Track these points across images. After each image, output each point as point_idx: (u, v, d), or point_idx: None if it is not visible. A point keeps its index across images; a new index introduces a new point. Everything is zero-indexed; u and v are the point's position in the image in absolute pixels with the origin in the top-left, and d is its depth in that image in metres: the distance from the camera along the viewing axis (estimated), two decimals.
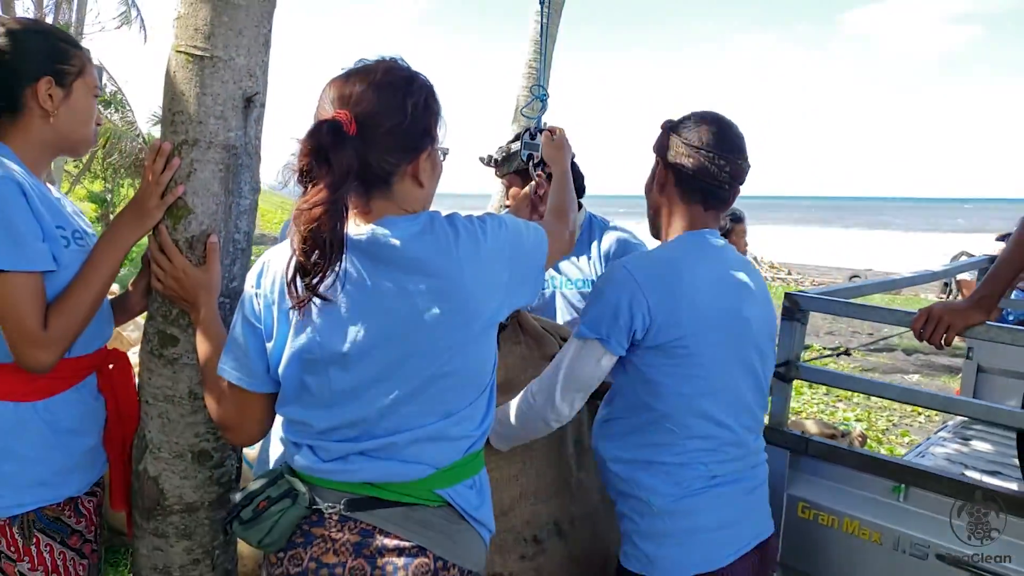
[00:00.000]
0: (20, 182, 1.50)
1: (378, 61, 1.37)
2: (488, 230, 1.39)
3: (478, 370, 1.39)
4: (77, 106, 1.66)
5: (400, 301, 1.30)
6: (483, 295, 1.35)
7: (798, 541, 2.08)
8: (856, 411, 6.63)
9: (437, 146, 1.41)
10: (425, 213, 1.39)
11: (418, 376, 1.32)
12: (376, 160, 1.30)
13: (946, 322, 1.78)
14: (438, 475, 1.36)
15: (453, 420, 1.36)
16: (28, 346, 1.50)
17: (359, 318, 1.30)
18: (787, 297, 2.06)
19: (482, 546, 1.44)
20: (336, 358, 1.31)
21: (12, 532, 1.60)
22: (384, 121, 1.29)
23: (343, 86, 1.31)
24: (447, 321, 1.30)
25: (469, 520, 1.39)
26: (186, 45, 1.64)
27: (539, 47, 10.39)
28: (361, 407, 1.32)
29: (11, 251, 1.46)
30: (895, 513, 1.93)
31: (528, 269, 1.47)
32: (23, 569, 1.62)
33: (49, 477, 1.63)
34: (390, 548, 1.31)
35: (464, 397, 1.37)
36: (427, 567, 1.32)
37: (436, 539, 1.34)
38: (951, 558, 1.80)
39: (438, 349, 1.31)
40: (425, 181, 1.39)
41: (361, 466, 1.34)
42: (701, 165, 1.67)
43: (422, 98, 1.34)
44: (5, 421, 1.59)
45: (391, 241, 1.32)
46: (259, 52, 1.72)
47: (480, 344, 1.37)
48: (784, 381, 2.08)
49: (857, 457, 2.02)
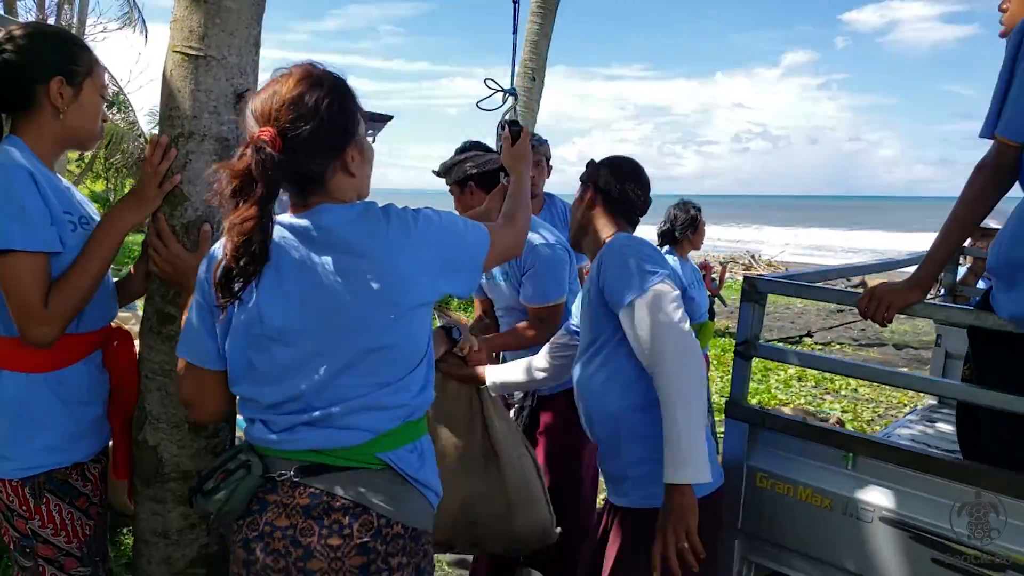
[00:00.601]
0: (31, 170, 1.64)
1: (292, 69, 1.45)
2: (420, 219, 1.51)
3: (410, 345, 1.49)
4: (86, 104, 1.79)
5: (334, 280, 1.41)
6: (412, 277, 1.46)
7: (757, 509, 2.21)
8: (843, 403, 6.75)
9: (360, 137, 1.51)
10: (361, 203, 1.51)
11: (352, 349, 1.42)
12: (306, 164, 1.42)
13: (887, 301, 1.92)
14: (378, 440, 1.46)
15: (388, 390, 1.46)
16: (31, 322, 1.62)
17: (297, 296, 1.42)
18: (745, 280, 2.20)
19: (427, 506, 1.54)
20: (278, 334, 1.43)
21: (24, 493, 1.74)
22: (305, 129, 1.38)
23: (263, 102, 1.41)
24: (377, 299, 1.42)
25: (411, 482, 1.50)
26: (182, 45, 1.78)
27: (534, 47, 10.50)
28: (303, 380, 1.43)
29: (21, 232, 1.59)
30: (844, 481, 2.06)
31: (462, 260, 1.57)
32: (33, 527, 1.76)
33: (58, 443, 1.76)
34: (336, 509, 1.42)
35: (398, 369, 1.47)
36: (371, 524, 1.42)
37: (379, 499, 1.44)
38: (893, 520, 1.93)
39: (370, 324, 1.42)
40: (355, 171, 1.50)
41: (306, 435, 1.45)
42: (622, 188, 2.14)
43: (335, 99, 1.43)
44: (19, 391, 1.72)
45: (327, 226, 1.44)
46: (250, 51, 1.86)
47: (410, 321, 1.47)
48: (743, 359, 2.22)
49: (809, 429, 2.15)
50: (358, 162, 1.50)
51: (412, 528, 1.48)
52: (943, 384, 2.12)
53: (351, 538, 1.41)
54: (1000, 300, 1.78)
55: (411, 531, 1.48)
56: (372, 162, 1.59)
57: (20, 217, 1.60)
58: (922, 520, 1.90)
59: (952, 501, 1.87)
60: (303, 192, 1.48)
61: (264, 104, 1.41)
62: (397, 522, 1.45)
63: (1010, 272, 1.75)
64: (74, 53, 1.77)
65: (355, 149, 1.49)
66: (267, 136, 1.36)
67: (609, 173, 2.16)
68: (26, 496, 1.74)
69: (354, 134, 1.48)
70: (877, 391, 7.19)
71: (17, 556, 1.79)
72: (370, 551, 1.42)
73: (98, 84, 1.83)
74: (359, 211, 1.48)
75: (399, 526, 1.46)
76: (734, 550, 2.26)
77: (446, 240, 1.53)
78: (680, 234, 4.07)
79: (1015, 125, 1.74)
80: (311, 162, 1.43)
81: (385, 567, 1.43)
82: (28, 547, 1.77)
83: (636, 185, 2.15)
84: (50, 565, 1.79)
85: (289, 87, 1.41)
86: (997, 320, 1.80)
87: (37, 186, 1.64)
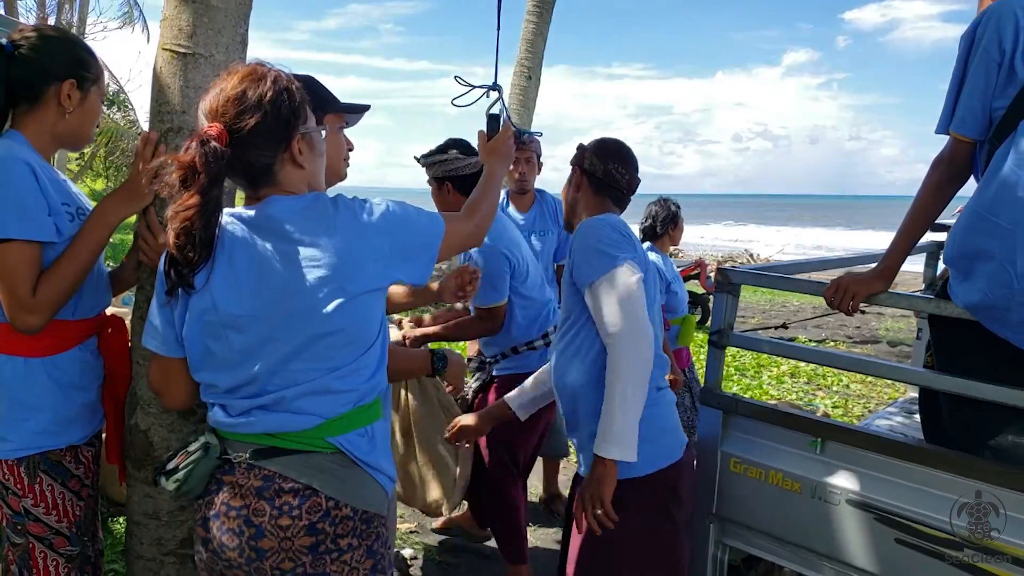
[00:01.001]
0: (30, 162, 1.72)
1: (237, 68, 1.53)
2: (369, 207, 1.55)
3: (360, 330, 1.52)
4: (89, 108, 1.89)
5: (282, 268, 1.46)
6: (360, 263, 1.50)
7: (730, 493, 2.28)
8: (834, 398, 6.82)
9: (308, 129, 1.57)
10: (311, 194, 1.56)
11: (301, 335, 1.47)
12: (254, 157, 1.49)
13: (852, 291, 1.99)
14: (328, 424, 1.51)
15: (338, 375, 1.50)
16: (18, 309, 1.70)
17: (248, 284, 1.48)
18: (719, 272, 2.27)
19: (378, 490, 1.58)
20: (231, 321, 1.48)
21: (19, 472, 1.81)
22: (248, 122, 1.45)
23: (211, 100, 1.49)
24: (324, 285, 1.46)
25: (361, 465, 1.54)
26: (171, 43, 1.85)
27: (531, 45, 10.54)
28: (256, 365, 1.48)
29: (18, 222, 1.67)
30: (813, 465, 2.12)
31: (414, 247, 1.59)
32: (27, 505, 1.83)
33: (53, 426, 1.83)
34: (287, 490, 1.47)
35: (348, 354, 1.51)
36: (320, 506, 1.47)
37: (328, 481, 1.49)
38: (859, 503, 2.00)
39: (317, 310, 1.46)
40: (304, 163, 1.56)
41: (260, 419, 1.50)
42: (605, 169, 2.22)
43: (278, 94, 1.49)
44: (16, 374, 1.80)
45: (275, 215, 1.50)
46: (237, 49, 1.93)
47: (359, 306, 1.50)
48: (717, 348, 2.29)
49: (779, 415, 2.22)
50: (306, 154, 1.56)
51: (362, 511, 1.52)
52: (905, 370, 2.19)
53: (300, 519, 1.46)
54: (956, 290, 1.85)
55: (361, 514, 1.52)
56: (324, 155, 1.65)
57: (18, 207, 1.68)
58: (886, 502, 1.96)
59: (915, 483, 1.94)
60: (254, 185, 1.54)
61: (211, 102, 1.48)
62: (346, 504, 1.50)
63: (964, 264, 1.82)
64: (87, 60, 1.87)
65: (302, 142, 1.55)
66: (214, 132, 1.43)
67: (593, 154, 2.25)
68: (21, 475, 1.81)
69: (299, 127, 1.54)
70: (868, 387, 7.25)
71: (9, 533, 1.87)
72: (319, 532, 1.47)
73: (101, 92, 1.93)
74: (308, 202, 1.53)
75: (348, 508, 1.50)
76: (709, 533, 2.33)
77: (397, 227, 1.56)
78: (661, 229, 4.15)
79: (967, 122, 1.81)
80: (258, 155, 1.49)
81: (335, 548, 1.48)
82: (20, 524, 1.84)
83: (620, 165, 2.23)
84: (40, 543, 1.86)
85: (233, 84, 1.48)
86: (955, 308, 1.87)
87: (36, 178, 1.72)
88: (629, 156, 2.27)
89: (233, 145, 1.45)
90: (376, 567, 1.56)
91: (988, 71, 1.76)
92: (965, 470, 1.86)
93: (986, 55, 1.76)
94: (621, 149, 2.27)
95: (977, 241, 1.77)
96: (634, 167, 2.26)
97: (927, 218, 1.95)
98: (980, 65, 1.77)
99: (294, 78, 1.57)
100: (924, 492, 1.92)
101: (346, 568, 1.50)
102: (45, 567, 1.86)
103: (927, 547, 1.89)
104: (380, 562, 1.57)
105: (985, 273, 1.75)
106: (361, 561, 1.52)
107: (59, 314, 1.78)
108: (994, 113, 1.77)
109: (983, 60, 1.77)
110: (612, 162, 2.23)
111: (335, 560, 1.49)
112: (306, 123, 1.56)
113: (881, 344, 9.91)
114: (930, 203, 1.92)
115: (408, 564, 3.42)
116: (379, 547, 1.57)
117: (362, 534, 1.52)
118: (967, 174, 1.88)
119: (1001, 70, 1.74)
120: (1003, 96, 1.74)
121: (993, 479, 1.82)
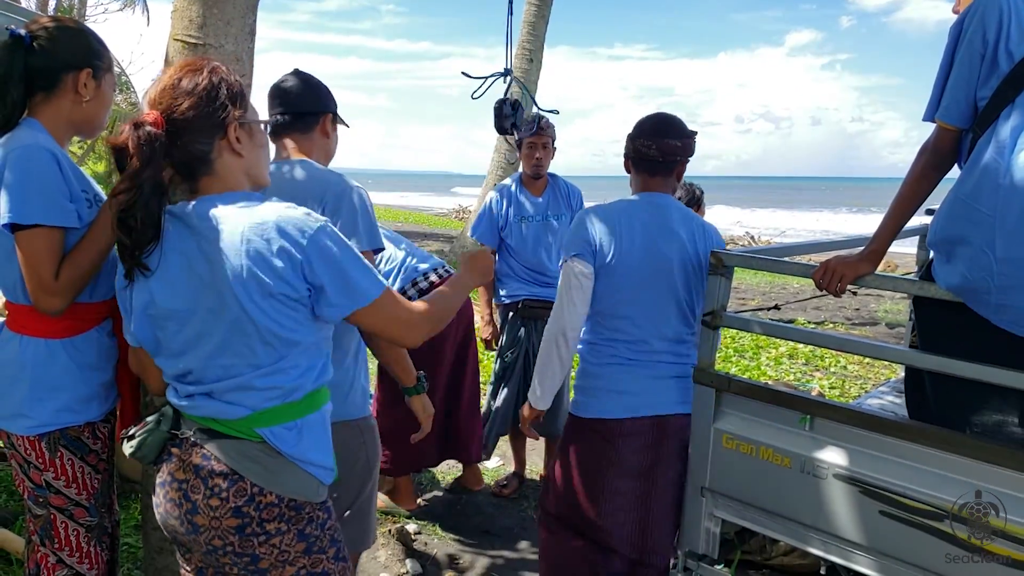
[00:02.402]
0: (53, 150, 1.80)
1: (181, 62, 1.60)
2: (314, 239, 1.52)
3: (277, 332, 1.52)
4: (103, 97, 1.97)
5: (206, 266, 1.51)
6: (271, 270, 1.49)
7: (723, 468, 2.36)
8: (831, 380, 6.90)
9: (245, 119, 1.61)
10: (243, 194, 1.58)
11: (221, 331, 1.52)
12: (190, 143, 1.54)
13: (839, 273, 2.06)
14: (255, 416, 1.56)
15: (260, 373, 1.54)
16: (42, 292, 1.78)
17: (181, 279, 1.54)
18: (712, 254, 2.33)
19: (307, 479, 1.61)
20: (169, 314, 1.56)
21: (41, 447, 1.90)
22: (184, 111, 1.51)
23: (151, 91, 1.56)
24: (239, 287, 1.49)
25: (287, 456, 1.58)
26: (182, 34, 1.92)
27: (532, 28, 10.51)
28: (193, 357, 1.56)
29: (44, 209, 1.75)
30: (802, 441, 2.20)
31: (341, 281, 1.54)
32: (48, 478, 1.92)
33: (73, 403, 1.92)
34: (218, 472, 1.55)
35: (270, 353, 1.54)
36: (245, 491, 1.54)
37: (254, 469, 1.55)
38: (846, 476, 2.08)
39: (236, 310, 1.50)
40: (242, 151, 1.60)
41: (202, 404, 1.58)
42: (634, 146, 2.51)
43: (212, 82, 1.55)
44: (38, 355, 1.88)
45: (203, 214, 1.54)
46: (245, 40, 2.00)
47: (272, 309, 1.51)
48: (710, 328, 2.36)
49: (770, 393, 2.30)
50: (245, 143, 1.60)
51: (289, 499, 1.58)
52: (886, 349, 2.27)
53: (227, 501, 1.53)
54: (939, 272, 1.92)
55: (287, 501, 1.57)
56: (265, 147, 1.70)
57: (42, 194, 1.76)
58: (872, 476, 2.04)
59: (899, 458, 2.02)
60: (193, 174, 1.58)
61: (151, 93, 1.56)
62: (270, 492, 1.55)
63: (946, 248, 1.89)
64: (100, 50, 1.95)
65: (240, 130, 1.59)
66: (149, 117, 1.49)
67: (627, 139, 2.56)
68: (42, 450, 1.90)
69: (236, 115, 1.58)
70: (866, 368, 7.33)
71: (31, 504, 1.96)
72: (244, 515, 1.54)
73: (113, 81, 2.01)
74: (241, 203, 1.55)
75: (272, 496, 1.55)
76: (702, 506, 2.41)
77: (330, 267, 1.54)
78: None
79: (952, 110, 1.87)
80: (193, 140, 1.54)
81: (261, 531, 1.55)
82: (42, 497, 1.94)
83: (645, 139, 2.48)
84: (61, 514, 1.95)
85: (170, 75, 1.56)
86: (937, 290, 1.94)
87: (59, 166, 1.80)
88: (654, 126, 2.49)
89: (169, 131, 1.50)
90: (311, 549, 1.62)
91: (972, 62, 1.81)
92: (947, 445, 1.93)
93: (971, 46, 1.82)
94: (644, 123, 2.52)
95: (958, 226, 1.84)
96: (661, 134, 2.46)
97: (913, 204, 2.01)
98: (965, 55, 1.83)
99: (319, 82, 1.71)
100: (908, 466, 2.00)
101: (275, 551, 1.57)
102: (66, 536, 1.96)
103: (910, 519, 1.97)
104: (316, 543, 1.63)
105: (965, 257, 1.81)
106: (292, 544, 1.59)
107: (78, 297, 1.86)
108: (979, 103, 1.83)
109: (968, 51, 1.82)
110: (638, 140, 2.49)
111: (263, 543, 1.56)
112: (246, 113, 1.62)
113: (879, 326, 9.98)
114: (916, 189, 1.99)
115: (413, 539, 3.52)
116: (314, 530, 1.62)
117: (290, 520, 1.58)
118: (952, 162, 1.95)
119: (984, 61, 1.79)
120: (986, 87, 1.80)
121: (973, 453, 1.89)
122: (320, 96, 2.24)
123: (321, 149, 2.25)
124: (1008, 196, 1.72)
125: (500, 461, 4.56)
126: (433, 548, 3.51)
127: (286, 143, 2.20)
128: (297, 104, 2.19)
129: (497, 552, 3.54)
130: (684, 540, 2.49)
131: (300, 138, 2.20)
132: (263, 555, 1.57)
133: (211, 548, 1.57)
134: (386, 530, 3.50)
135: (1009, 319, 1.80)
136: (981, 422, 1.91)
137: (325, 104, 2.25)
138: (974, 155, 1.81)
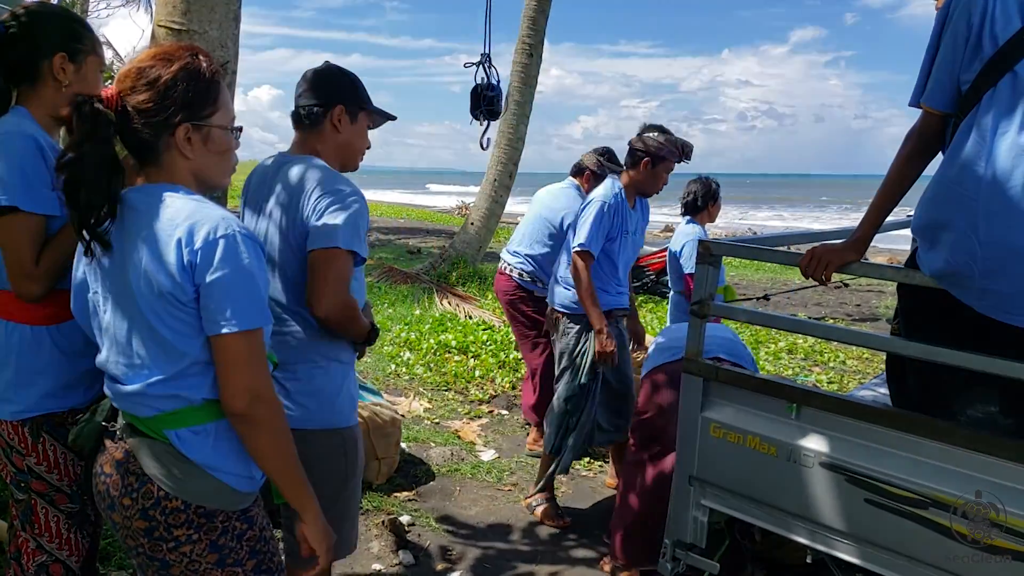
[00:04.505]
0: (36, 137, 1.80)
1: (164, 45, 1.58)
2: (218, 248, 1.44)
3: (175, 339, 1.46)
4: (87, 80, 1.94)
5: (121, 258, 1.49)
6: (163, 270, 1.45)
7: (710, 457, 2.36)
8: (830, 374, 6.89)
9: (205, 123, 1.53)
10: (180, 188, 1.52)
11: (128, 324, 1.49)
12: (139, 130, 1.49)
13: (825, 260, 2.05)
14: (162, 417, 1.50)
15: (159, 380, 1.47)
16: (22, 278, 1.79)
17: (104, 268, 1.53)
18: (700, 243, 2.33)
19: (220, 487, 1.52)
20: (97, 300, 1.55)
21: (24, 432, 1.90)
22: (139, 101, 1.47)
23: (126, 66, 1.52)
24: (136, 280, 1.46)
25: (194, 462, 1.50)
26: (166, 20, 1.92)
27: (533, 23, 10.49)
28: (106, 348, 1.55)
29: (24, 194, 1.75)
30: (789, 429, 2.20)
31: (218, 295, 1.44)
32: (30, 463, 1.92)
33: (56, 390, 1.91)
34: (132, 471, 1.52)
35: (167, 361, 1.47)
36: (152, 494, 1.49)
37: (161, 472, 1.50)
38: (831, 465, 2.08)
39: (137, 307, 1.47)
40: (190, 154, 1.53)
41: (117, 398, 1.56)
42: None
43: (179, 77, 1.49)
44: (24, 341, 1.88)
45: (132, 202, 1.51)
46: (229, 26, 1.99)
47: (169, 315, 1.45)
48: (698, 317, 2.36)
49: (757, 381, 2.30)
50: (196, 147, 1.53)
51: (197, 506, 1.50)
52: (872, 337, 2.26)
53: (136, 502, 1.50)
54: (923, 258, 1.91)
55: (195, 508, 1.50)
56: (226, 154, 1.61)
57: (24, 180, 1.76)
58: (856, 464, 2.04)
59: (883, 446, 2.02)
60: (140, 160, 1.55)
61: (124, 67, 1.52)
62: (176, 497, 1.49)
63: (930, 233, 1.88)
64: (77, 32, 1.93)
65: (194, 132, 1.52)
66: (105, 93, 1.48)
67: None
68: (25, 435, 1.90)
69: (189, 117, 1.51)
70: (864, 363, 7.31)
71: (13, 489, 1.97)
72: (151, 519, 1.49)
73: (99, 63, 1.98)
74: (170, 196, 1.50)
75: (179, 501, 1.49)
76: (689, 495, 2.41)
77: (220, 278, 1.44)
78: (701, 203, 4.34)
79: (936, 95, 1.87)
80: (142, 129, 1.49)
81: (169, 537, 1.50)
82: (23, 481, 1.94)
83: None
84: (42, 499, 1.95)
85: (142, 59, 1.52)
86: (922, 277, 1.93)
87: (42, 153, 1.80)
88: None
89: (120, 113, 1.48)
90: (224, 561, 1.54)
91: (956, 45, 1.81)
92: (930, 432, 1.93)
93: (955, 30, 1.81)
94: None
95: (942, 210, 1.83)
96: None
97: (899, 190, 2.00)
98: (950, 39, 1.82)
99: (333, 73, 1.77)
100: (892, 454, 2.00)
101: (185, 559, 1.52)
102: (46, 522, 1.96)
103: (894, 506, 1.97)
104: (231, 555, 1.55)
105: (949, 242, 1.81)
106: (203, 555, 1.52)
107: (63, 284, 1.86)
108: (962, 87, 1.83)
109: (952, 34, 1.82)
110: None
111: (172, 550, 1.51)
112: (207, 117, 1.54)
113: (880, 321, 9.96)
114: (901, 175, 1.98)
115: (406, 530, 3.52)
116: (228, 541, 1.54)
117: (202, 528, 1.51)
118: (937, 146, 1.94)
119: (968, 45, 1.79)
120: (969, 70, 1.79)
121: (958, 441, 1.88)
122: (329, 87, 2.15)
123: (332, 143, 2.15)
124: (991, 179, 1.72)
125: (495, 454, 4.57)
126: (426, 539, 3.52)
127: (294, 138, 2.19)
128: (301, 97, 2.15)
129: (489, 543, 3.54)
130: (672, 529, 2.49)
131: (309, 133, 2.15)
132: (173, 562, 1.52)
133: (127, 547, 1.57)
134: (379, 521, 3.51)
135: (991, 304, 1.79)
136: (961, 409, 1.90)
137: (333, 96, 2.13)
138: (957, 138, 1.80)
